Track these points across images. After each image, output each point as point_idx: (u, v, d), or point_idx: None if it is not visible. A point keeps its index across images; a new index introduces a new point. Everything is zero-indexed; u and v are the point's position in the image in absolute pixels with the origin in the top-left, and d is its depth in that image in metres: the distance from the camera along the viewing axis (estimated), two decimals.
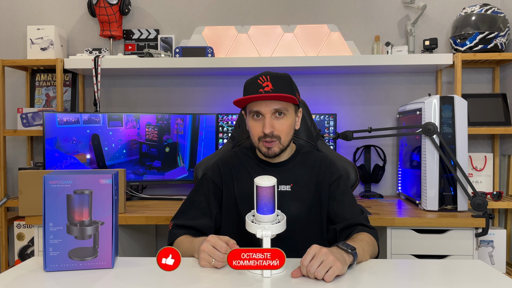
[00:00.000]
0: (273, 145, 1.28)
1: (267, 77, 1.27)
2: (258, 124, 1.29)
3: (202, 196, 1.36)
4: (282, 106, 1.27)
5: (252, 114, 1.30)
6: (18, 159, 2.56)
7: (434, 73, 2.45)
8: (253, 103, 1.28)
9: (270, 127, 1.26)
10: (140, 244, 2.24)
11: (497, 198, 2.16)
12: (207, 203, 1.34)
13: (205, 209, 1.34)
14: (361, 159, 2.47)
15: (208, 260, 1.06)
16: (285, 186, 1.33)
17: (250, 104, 1.30)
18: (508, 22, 2.22)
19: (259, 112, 1.28)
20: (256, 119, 1.29)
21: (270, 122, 1.27)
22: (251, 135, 1.34)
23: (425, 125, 1.91)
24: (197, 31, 2.43)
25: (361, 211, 1.35)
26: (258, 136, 1.30)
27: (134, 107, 2.55)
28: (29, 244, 2.38)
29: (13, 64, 2.32)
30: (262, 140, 1.29)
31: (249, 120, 1.32)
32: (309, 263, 0.98)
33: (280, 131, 1.28)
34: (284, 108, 1.28)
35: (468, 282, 0.98)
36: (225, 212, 1.36)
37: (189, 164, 2.33)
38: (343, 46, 2.36)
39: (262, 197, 1.04)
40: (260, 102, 1.27)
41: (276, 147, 1.29)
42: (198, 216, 1.32)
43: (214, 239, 1.07)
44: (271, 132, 1.26)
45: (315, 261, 0.97)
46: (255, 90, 1.26)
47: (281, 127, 1.28)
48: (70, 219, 1.03)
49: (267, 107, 1.26)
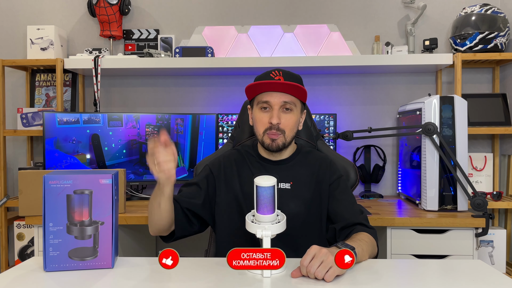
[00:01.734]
0: (277, 137, 1.30)
1: (279, 72, 1.31)
2: (265, 115, 1.31)
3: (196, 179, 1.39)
4: (291, 100, 1.29)
5: (260, 106, 1.31)
6: (18, 159, 2.56)
7: (434, 73, 2.45)
8: (262, 94, 1.30)
9: (278, 118, 1.28)
10: (140, 244, 2.24)
11: (497, 198, 2.16)
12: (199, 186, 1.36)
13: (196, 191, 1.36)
14: (361, 159, 2.47)
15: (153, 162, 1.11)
16: (285, 184, 1.34)
17: (260, 95, 1.31)
18: (508, 22, 2.22)
19: (268, 103, 1.29)
20: (263, 111, 1.31)
21: (278, 114, 1.29)
22: (255, 127, 1.35)
23: (425, 125, 1.91)
24: (197, 31, 2.43)
25: (360, 211, 1.35)
26: (264, 127, 1.31)
27: (134, 107, 2.55)
28: (29, 244, 2.38)
29: (13, 64, 2.32)
30: (268, 132, 1.30)
31: (256, 111, 1.34)
32: (309, 263, 0.98)
33: (285, 125, 1.30)
34: (293, 103, 1.30)
35: (468, 282, 0.98)
36: (225, 209, 1.36)
37: (189, 164, 2.33)
38: (343, 46, 2.36)
39: (262, 197, 1.04)
40: (270, 93, 1.29)
41: (280, 140, 1.31)
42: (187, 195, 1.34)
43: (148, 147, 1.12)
44: (277, 124, 1.28)
45: (315, 262, 0.98)
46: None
47: (287, 121, 1.30)
48: (70, 219, 1.03)
49: (277, 98, 1.28)
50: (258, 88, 1.30)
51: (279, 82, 1.26)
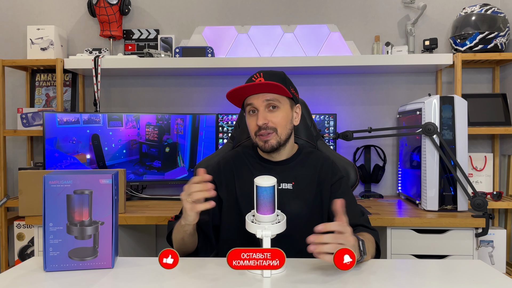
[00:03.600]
0: (269, 137, 1.29)
1: (260, 74, 1.31)
2: (254, 118, 1.31)
3: None
4: (274, 97, 1.28)
5: (248, 109, 1.32)
6: (18, 159, 2.56)
7: (434, 73, 2.45)
8: (248, 98, 1.31)
9: (263, 119, 1.27)
10: (140, 244, 2.24)
11: (497, 198, 2.16)
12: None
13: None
14: (361, 159, 2.47)
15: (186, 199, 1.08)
16: (286, 184, 1.33)
17: (246, 99, 1.32)
18: (508, 22, 2.22)
19: (253, 106, 1.30)
20: (251, 115, 1.32)
21: (263, 115, 1.28)
22: (249, 132, 1.35)
23: (425, 125, 1.91)
24: (197, 31, 2.43)
25: (361, 213, 1.36)
26: (254, 131, 1.31)
27: (134, 107, 2.55)
28: (29, 244, 2.38)
29: (13, 64, 2.32)
30: (258, 134, 1.30)
31: (246, 116, 1.35)
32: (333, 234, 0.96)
33: (275, 123, 1.29)
34: (276, 100, 1.29)
35: (468, 282, 0.98)
36: (225, 210, 1.36)
37: (189, 164, 2.33)
38: (343, 46, 2.36)
39: (262, 197, 1.04)
40: (253, 96, 1.29)
41: (273, 139, 1.29)
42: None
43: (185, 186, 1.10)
44: (264, 124, 1.28)
45: (340, 239, 0.97)
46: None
47: (275, 119, 1.29)
48: (70, 219, 1.03)
49: (259, 99, 1.28)
50: (241, 94, 1.30)
51: (257, 83, 1.24)
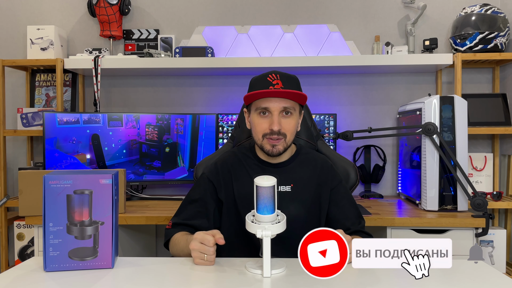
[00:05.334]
0: (278, 143, 1.29)
1: (276, 75, 1.28)
2: (265, 121, 1.29)
3: (198, 195, 1.36)
4: (291, 105, 1.28)
5: (258, 111, 1.29)
6: (18, 159, 2.56)
7: (434, 73, 2.45)
8: (261, 99, 1.28)
9: (279, 125, 1.27)
10: (140, 244, 2.24)
11: (497, 198, 2.16)
12: (204, 202, 1.34)
13: (202, 208, 1.34)
14: (361, 159, 2.47)
15: (200, 257, 1.08)
16: (285, 187, 1.33)
17: (258, 101, 1.29)
18: (508, 22, 2.22)
19: (267, 109, 1.27)
20: (262, 116, 1.29)
21: (278, 120, 1.27)
22: (254, 132, 1.33)
23: (425, 125, 1.91)
24: (197, 31, 2.43)
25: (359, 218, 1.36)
26: (263, 133, 1.29)
27: (134, 107, 2.55)
28: (29, 244, 2.38)
29: (13, 64, 2.32)
30: (268, 137, 1.29)
31: (254, 117, 1.32)
32: None
33: (287, 129, 1.29)
34: (292, 108, 1.29)
35: (468, 282, 0.98)
36: (224, 212, 1.36)
37: (189, 164, 2.33)
38: (343, 46, 2.36)
39: (262, 197, 1.04)
40: (269, 99, 1.27)
41: (281, 145, 1.29)
42: (195, 215, 1.32)
43: (200, 235, 1.08)
44: (278, 130, 1.27)
45: None
46: (265, 87, 1.26)
47: (288, 125, 1.29)
48: (70, 219, 1.03)
49: (277, 104, 1.27)
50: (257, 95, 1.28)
51: (281, 91, 1.24)
